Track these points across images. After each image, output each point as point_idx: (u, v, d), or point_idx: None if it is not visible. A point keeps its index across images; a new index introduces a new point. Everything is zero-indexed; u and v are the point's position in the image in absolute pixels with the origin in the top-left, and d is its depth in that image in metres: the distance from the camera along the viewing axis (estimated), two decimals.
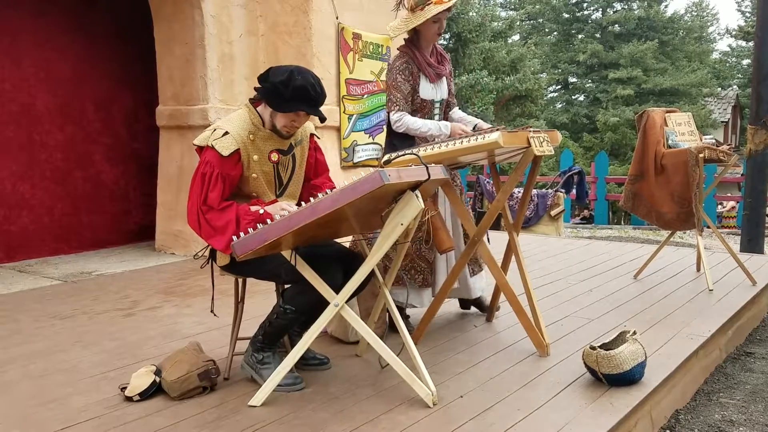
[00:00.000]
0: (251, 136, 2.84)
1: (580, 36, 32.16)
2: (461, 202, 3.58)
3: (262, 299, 4.07)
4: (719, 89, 31.84)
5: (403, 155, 3.07)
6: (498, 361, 3.27)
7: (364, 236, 3.27)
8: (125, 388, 2.84)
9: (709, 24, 37.61)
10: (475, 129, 3.66)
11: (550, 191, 9.15)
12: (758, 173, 6.83)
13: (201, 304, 4.32)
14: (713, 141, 5.23)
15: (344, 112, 6.67)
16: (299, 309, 2.83)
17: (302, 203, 2.65)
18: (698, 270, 5.29)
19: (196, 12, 5.93)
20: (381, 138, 7.05)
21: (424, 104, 3.72)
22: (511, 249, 3.63)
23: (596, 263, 5.73)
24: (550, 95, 32.36)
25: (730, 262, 5.35)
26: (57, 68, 6.26)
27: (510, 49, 21.64)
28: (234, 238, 2.62)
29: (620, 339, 3.08)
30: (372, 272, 2.83)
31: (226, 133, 2.79)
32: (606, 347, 3.01)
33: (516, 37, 28.18)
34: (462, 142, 3.13)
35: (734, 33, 34.70)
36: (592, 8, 32.58)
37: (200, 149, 2.86)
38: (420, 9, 3.54)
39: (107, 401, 2.82)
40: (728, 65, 36.99)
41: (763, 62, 6.74)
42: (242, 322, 3.13)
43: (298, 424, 2.58)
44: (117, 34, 6.68)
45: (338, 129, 6.65)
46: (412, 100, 3.68)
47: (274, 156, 2.90)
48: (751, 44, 16.26)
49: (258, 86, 2.85)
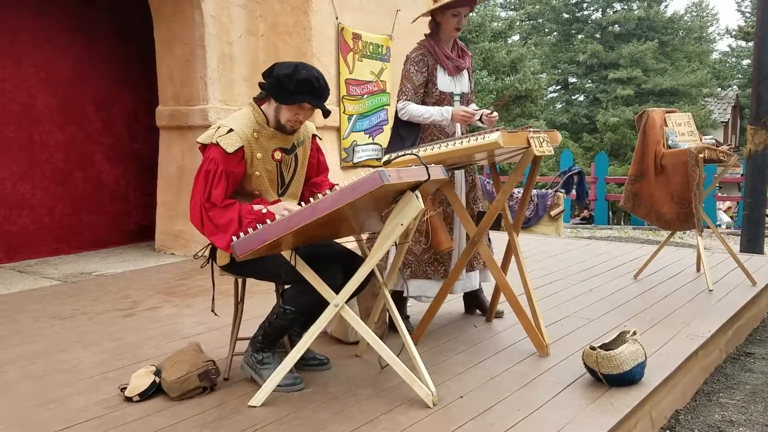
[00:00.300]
0: (255, 134, 2.84)
1: (580, 36, 32.15)
2: (460, 203, 3.58)
3: (262, 299, 4.07)
4: (719, 89, 31.85)
5: (403, 155, 3.07)
6: (498, 362, 3.28)
7: (372, 236, 3.26)
8: (125, 389, 2.84)
9: (709, 24, 37.62)
10: (481, 119, 3.66)
11: (550, 191, 9.16)
12: (758, 173, 6.83)
13: (201, 305, 4.32)
14: (713, 141, 5.23)
15: (344, 113, 6.67)
16: (299, 309, 2.84)
17: (302, 203, 2.65)
18: (698, 270, 5.29)
19: (196, 12, 5.93)
20: (381, 138, 7.05)
21: (443, 96, 3.72)
22: (511, 249, 3.63)
23: (596, 263, 5.73)
24: (550, 95, 32.35)
25: (730, 263, 5.35)
26: (57, 68, 6.26)
27: (510, 50, 21.64)
28: (234, 239, 2.62)
29: (620, 339, 3.08)
30: (372, 272, 2.84)
31: (231, 131, 2.79)
32: (606, 347, 3.01)
33: (516, 38, 28.18)
34: (462, 143, 3.13)
35: (734, 33, 34.71)
36: (592, 8, 32.57)
37: (203, 147, 2.87)
38: None
39: (107, 401, 2.82)
40: (728, 65, 37.00)
41: (763, 62, 6.74)
42: (242, 323, 3.13)
43: (298, 425, 2.58)
44: (117, 34, 6.69)
45: (338, 129, 6.65)
46: (431, 93, 3.70)
47: (278, 154, 2.91)
48: (751, 44, 16.27)
49: (262, 81, 2.87)
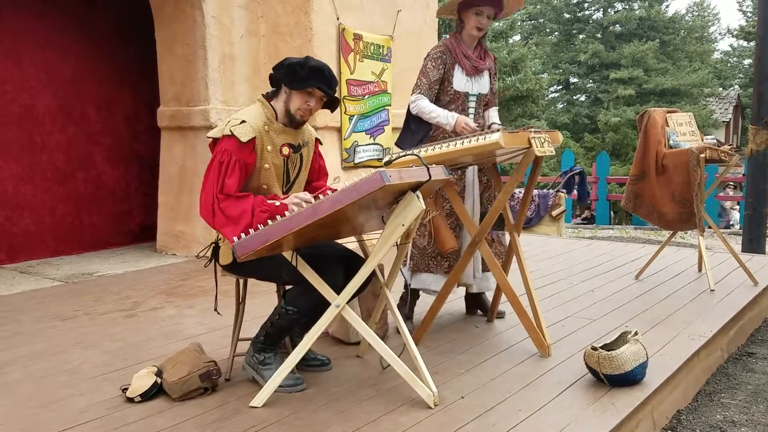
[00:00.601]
0: (266, 127, 2.90)
1: (581, 36, 32.10)
2: (461, 202, 3.58)
3: (264, 300, 4.08)
4: (720, 89, 31.78)
5: (404, 156, 3.07)
6: (499, 362, 3.27)
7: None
8: (126, 389, 2.84)
9: (711, 24, 37.53)
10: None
11: (552, 191, 9.14)
12: (760, 173, 6.82)
13: (202, 305, 4.33)
14: (714, 141, 5.22)
15: (345, 113, 6.67)
16: (300, 310, 2.84)
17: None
18: (700, 270, 5.28)
19: (197, 13, 5.93)
20: (382, 139, 7.05)
21: (458, 96, 3.73)
22: (512, 249, 3.63)
23: (598, 263, 5.72)
24: (551, 95, 32.32)
25: (732, 263, 5.34)
26: (58, 69, 6.27)
27: (511, 50, 21.60)
28: (242, 236, 2.61)
29: (622, 339, 3.08)
30: (373, 273, 2.84)
31: (243, 122, 2.85)
32: (607, 348, 3.01)
33: (517, 38, 28.13)
34: (463, 143, 3.13)
35: (735, 33, 34.65)
36: (593, 8, 32.51)
37: (213, 143, 2.91)
38: None
39: (108, 402, 2.82)
40: (729, 65, 36.94)
41: (765, 62, 6.73)
42: (243, 323, 3.13)
43: (299, 425, 2.58)
44: (118, 35, 6.69)
45: (339, 130, 6.65)
46: (446, 91, 3.71)
47: (285, 150, 2.96)
48: (753, 44, 16.24)
49: (273, 74, 2.95)
